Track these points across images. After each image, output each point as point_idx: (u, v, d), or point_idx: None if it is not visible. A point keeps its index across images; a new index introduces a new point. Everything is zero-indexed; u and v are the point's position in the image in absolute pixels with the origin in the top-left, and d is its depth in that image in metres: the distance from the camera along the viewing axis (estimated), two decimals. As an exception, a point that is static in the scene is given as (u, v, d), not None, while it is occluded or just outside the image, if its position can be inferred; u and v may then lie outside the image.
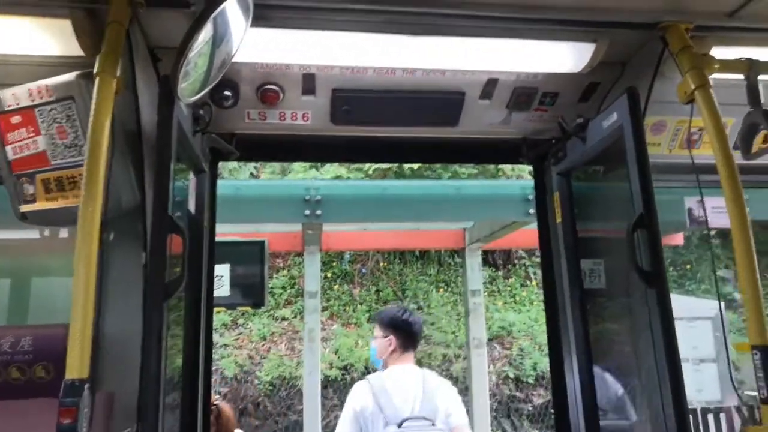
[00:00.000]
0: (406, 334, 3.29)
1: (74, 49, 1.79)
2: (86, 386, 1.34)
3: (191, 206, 2.29)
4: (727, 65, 1.85)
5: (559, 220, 2.49)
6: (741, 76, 1.92)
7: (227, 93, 2.14)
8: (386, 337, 3.29)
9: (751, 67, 1.86)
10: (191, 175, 2.29)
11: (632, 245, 1.84)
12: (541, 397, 8.39)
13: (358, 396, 3.13)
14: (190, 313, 2.23)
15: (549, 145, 2.53)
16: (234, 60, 1.84)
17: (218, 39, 1.70)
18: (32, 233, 2.79)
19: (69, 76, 1.75)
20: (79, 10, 1.66)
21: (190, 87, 1.72)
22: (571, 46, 2.05)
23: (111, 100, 1.54)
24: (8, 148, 1.88)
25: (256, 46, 1.96)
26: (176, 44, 1.52)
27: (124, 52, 1.72)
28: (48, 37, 1.82)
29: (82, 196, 1.44)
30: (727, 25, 1.93)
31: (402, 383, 3.14)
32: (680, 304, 2.97)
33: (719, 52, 1.91)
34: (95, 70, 1.56)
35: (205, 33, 1.59)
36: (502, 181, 9.11)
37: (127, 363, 1.93)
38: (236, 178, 9.86)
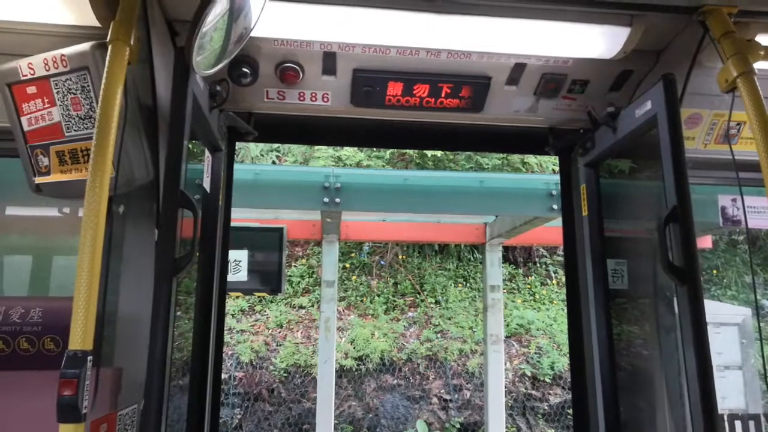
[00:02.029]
0: None
1: (91, 20, 1.75)
2: (89, 358, 1.31)
3: (206, 185, 2.25)
4: None
5: (585, 213, 2.40)
6: None
7: (245, 70, 2.09)
8: None
9: (798, 55, 1.74)
10: (207, 154, 2.25)
11: (664, 240, 1.75)
12: (558, 396, 8.26)
13: None
14: (202, 295, 2.21)
15: (577, 135, 2.43)
16: (253, 35, 1.80)
17: (236, 11, 1.65)
18: (52, 210, 2.81)
19: (84, 46, 1.72)
20: None
21: (206, 60, 1.68)
22: (604, 30, 1.95)
23: (123, 68, 1.50)
24: (23, 119, 1.86)
25: (276, 21, 1.91)
26: (194, 17, 1.48)
27: (140, 23, 1.68)
28: (65, 7, 1.79)
29: (90, 166, 1.41)
30: None
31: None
32: (707, 309, 2.86)
33: (764, 39, 1.80)
34: (108, 38, 1.52)
35: (222, 5, 1.55)
36: (526, 175, 8.96)
37: (137, 340, 1.92)
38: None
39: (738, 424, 2.12)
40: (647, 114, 1.93)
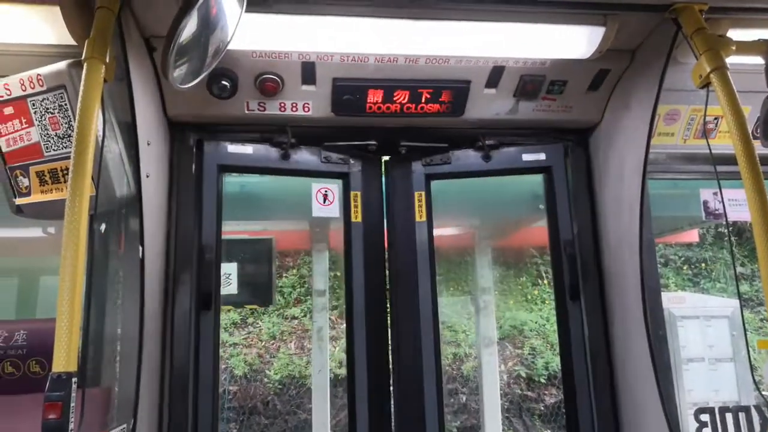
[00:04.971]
0: None
1: (67, 38, 1.75)
2: (74, 380, 1.29)
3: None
4: (745, 47, 1.77)
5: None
6: (756, 62, 1.83)
7: (225, 83, 2.09)
8: None
9: (769, 49, 1.77)
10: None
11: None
12: (553, 396, 8.27)
13: None
14: (196, 310, 2.19)
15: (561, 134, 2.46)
16: (231, 48, 1.79)
17: (212, 25, 1.65)
18: (36, 231, 2.78)
19: (60, 65, 1.71)
20: None
21: (183, 75, 1.67)
22: (579, 31, 1.97)
23: (99, 86, 1.49)
24: (1, 140, 1.85)
25: (253, 34, 1.91)
26: (172, 32, 1.48)
27: (116, 40, 1.67)
28: (40, 26, 1.78)
29: (69, 186, 1.39)
30: (743, 5, 1.84)
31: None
32: (696, 302, 2.88)
33: (735, 35, 1.83)
34: (83, 56, 1.51)
35: (197, 19, 1.54)
36: (511, 177, 8.97)
37: (125, 358, 1.90)
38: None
39: (729, 417, 2.13)
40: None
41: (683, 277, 8.90)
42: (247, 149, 2.34)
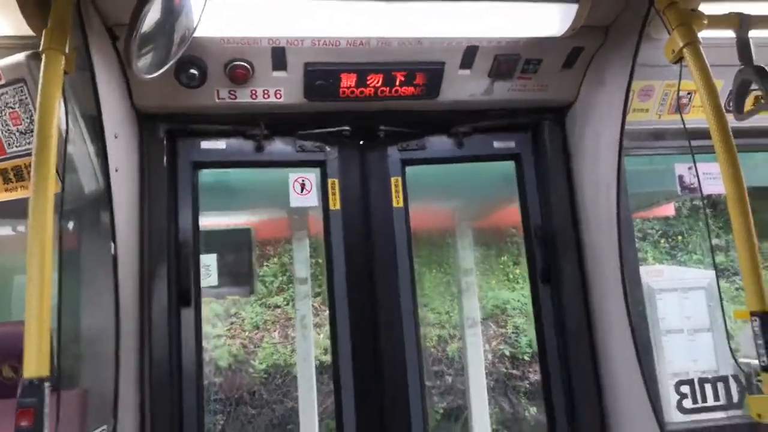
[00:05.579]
0: None
1: (26, 29, 1.67)
2: (46, 384, 1.26)
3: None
4: (717, 20, 1.76)
5: None
6: (726, 36, 1.83)
7: (193, 71, 2.03)
8: None
9: (741, 22, 1.77)
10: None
11: None
12: (537, 373, 8.40)
13: None
14: (177, 303, 2.16)
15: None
16: (198, 35, 1.74)
17: (176, 11, 1.59)
18: (5, 229, 2.70)
19: (18, 57, 1.64)
20: None
21: (148, 64, 1.62)
22: (552, 8, 1.95)
23: (60, 78, 1.43)
24: (-40, 138, 1.77)
25: (220, 20, 1.85)
26: (134, 20, 1.42)
27: (76, 29, 1.60)
28: (-3, 17, 1.70)
29: (31, 183, 1.34)
30: None
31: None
32: (673, 275, 2.92)
33: (706, 9, 1.82)
34: (41, 47, 1.44)
35: (160, 5, 1.49)
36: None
37: (101, 358, 1.86)
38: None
39: (708, 387, 2.17)
40: None
41: (661, 250, 9.05)
42: (220, 144, 2.31)
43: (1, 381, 1.72)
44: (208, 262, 5.48)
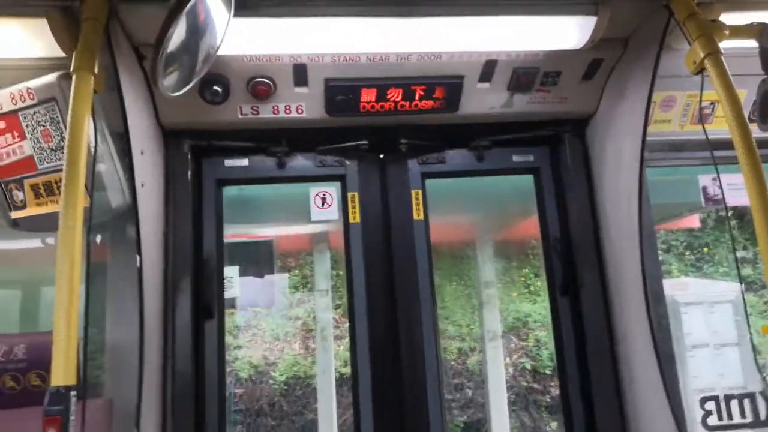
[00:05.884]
0: None
1: (57, 50, 1.73)
2: (72, 393, 1.29)
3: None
4: (738, 31, 1.75)
5: None
6: (749, 46, 1.82)
7: (217, 88, 2.08)
8: None
9: (763, 32, 1.75)
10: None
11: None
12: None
13: None
14: (200, 316, 2.19)
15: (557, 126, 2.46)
16: (221, 53, 1.78)
17: (200, 30, 1.64)
18: (35, 242, 2.77)
19: (50, 77, 1.70)
20: (54, 8, 1.60)
21: (174, 82, 1.66)
22: (571, 21, 1.96)
23: (89, 97, 1.48)
24: (-6, 155, 1.84)
25: (242, 38, 1.89)
26: (160, 40, 1.46)
27: (105, 50, 1.66)
28: (29, 39, 1.77)
29: (61, 198, 1.38)
30: None
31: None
32: (699, 288, 2.87)
33: (728, 19, 1.81)
34: (72, 68, 1.50)
35: (185, 25, 1.53)
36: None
37: (126, 368, 1.89)
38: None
39: (734, 404, 2.12)
40: None
41: (686, 262, 8.89)
42: (243, 161, 2.37)
43: (29, 389, 1.76)
44: (231, 273, 5.54)
